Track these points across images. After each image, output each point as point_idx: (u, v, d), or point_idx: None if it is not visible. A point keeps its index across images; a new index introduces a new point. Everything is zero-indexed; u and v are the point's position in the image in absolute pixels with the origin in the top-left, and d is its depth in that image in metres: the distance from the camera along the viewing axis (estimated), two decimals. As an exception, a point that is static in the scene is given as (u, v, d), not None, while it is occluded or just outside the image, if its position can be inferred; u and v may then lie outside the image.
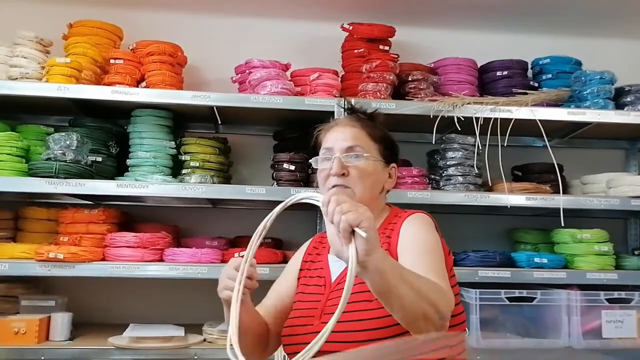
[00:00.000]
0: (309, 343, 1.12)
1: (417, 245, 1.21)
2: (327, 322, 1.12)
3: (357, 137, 1.33)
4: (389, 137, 1.41)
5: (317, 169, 1.36)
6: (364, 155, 1.31)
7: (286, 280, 1.42)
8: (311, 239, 1.50)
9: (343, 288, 1.20)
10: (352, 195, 1.27)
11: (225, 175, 2.37)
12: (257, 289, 1.22)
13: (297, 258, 1.47)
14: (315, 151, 1.40)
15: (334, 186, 1.29)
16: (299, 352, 1.15)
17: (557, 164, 2.33)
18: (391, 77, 2.34)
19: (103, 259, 2.10)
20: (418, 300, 0.99)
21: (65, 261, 1.98)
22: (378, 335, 1.14)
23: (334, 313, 0.97)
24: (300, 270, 1.41)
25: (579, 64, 2.57)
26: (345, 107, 1.45)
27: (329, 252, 1.37)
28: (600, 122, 2.32)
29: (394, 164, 1.41)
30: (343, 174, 1.29)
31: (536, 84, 2.52)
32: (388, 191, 1.42)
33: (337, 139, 1.33)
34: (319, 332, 1.11)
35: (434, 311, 1.01)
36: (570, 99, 2.44)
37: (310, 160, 1.41)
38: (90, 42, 2.28)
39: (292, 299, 1.37)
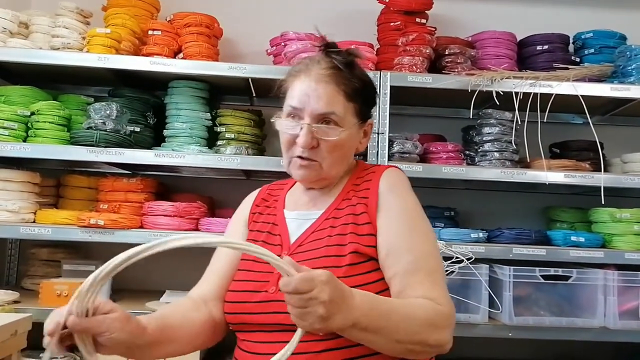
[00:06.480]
0: (262, 313, 1.07)
1: (411, 229, 1.10)
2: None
3: (333, 101, 1.12)
4: (366, 86, 1.20)
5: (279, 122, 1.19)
6: (338, 129, 1.13)
7: (236, 236, 1.26)
8: (258, 190, 1.33)
9: (305, 251, 1.11)
10: (318, 168, 1.15)
11: (259, 147, 2.39)
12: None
13: (243, 209, 1.30)
14: (278, 98, 1.22)
15: (299, 157, 1.14)
16: (247, 323, 1.10)
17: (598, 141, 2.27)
18: (428, 51, 2.30)
19: (141, 227, 2.15)
20: (398, 347, 0.97)
21: (105, 227, 2.04)
22: None
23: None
24: (249, 222, 1.26)
25: (623, 38, 2.47)
26: (321, 45, 1.19)
27: (284, 208, 1.24)
28: (645, 99, 2.25)
29: (370, 120, 1.23)
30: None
31: (578, 59, 2.44)
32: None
33: (309, 100, 1.12)
34: (275, 300, 1.06)
35: (422, 346, 0.99)
36: (614, 75, 2.36)
37: (272, 120, 1.22)
38: (129, 13, 2.31)
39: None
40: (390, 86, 2.18)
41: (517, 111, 2.23)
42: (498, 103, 2.21)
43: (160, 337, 1.04)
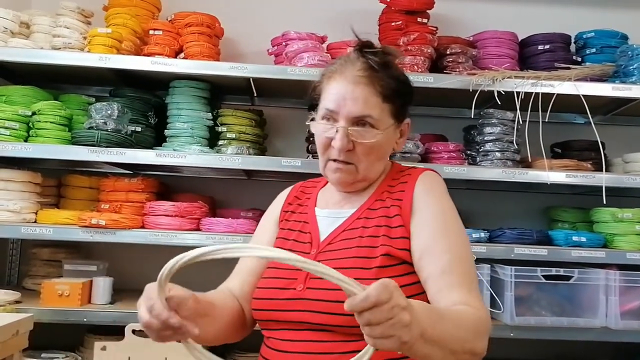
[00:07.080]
0: (289, 310, 1.06)
1: (447, 232, 1.08)
2: (312, 288, 1.04)
3: (369, 103, 1.10)
4: (403, 85, 1.18)
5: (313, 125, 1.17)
6: (374, 131, 1.11)
7: (266, 234, 1.25)
8: (291, 188, 1.32)
9: (334, 250, 1.10)
10: (354, 171, 1.14)
11: (260, 147, 2.38)
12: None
13: (275, 207, 1.29)
14: (312, 102, 1.21)
15: (334, 160, 1.13)
16: (274, 320, 1.08)
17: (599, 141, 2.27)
18: (429, 51, 2.30)
19: (142, 227, 2.15)
20: (451, 358, 0.92)
21: (106, 227, 2.03)
22: None
23: (321, 278, 0.78)
24: (280, 221, 1.25)
25: (625, 38, 2.47)
26: (355, 46, 1.15)
27: (315, 205, 1.22)
28: (647, 99, 2.24)
29: (407, 120, 1.20)
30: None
31: (579, 59, 2.44)
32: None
33: (344, 101, 1.10)
34: (303, 298, 1.05)
35: (470, 355, 0.95)
36: (615, 75, 2.35)
37: (308, 122, 1.20)
38: (130, 13, 2.31)
39: None
40: (392, 86, 2.18)
41: (518, 111, 2.23)
42: (499, 103, 2.21)
43: (206, 311, 1.03)
